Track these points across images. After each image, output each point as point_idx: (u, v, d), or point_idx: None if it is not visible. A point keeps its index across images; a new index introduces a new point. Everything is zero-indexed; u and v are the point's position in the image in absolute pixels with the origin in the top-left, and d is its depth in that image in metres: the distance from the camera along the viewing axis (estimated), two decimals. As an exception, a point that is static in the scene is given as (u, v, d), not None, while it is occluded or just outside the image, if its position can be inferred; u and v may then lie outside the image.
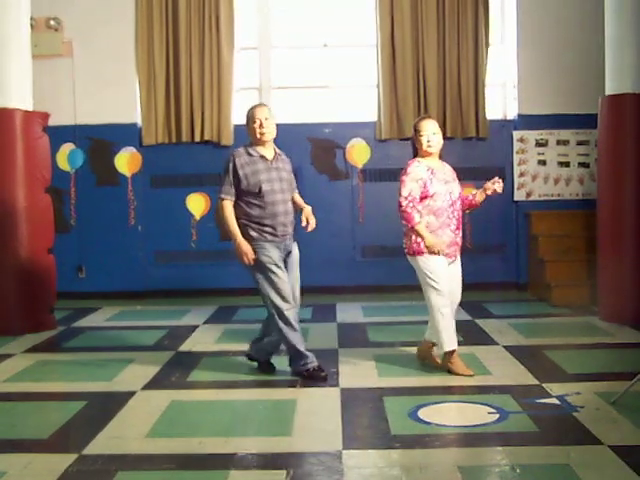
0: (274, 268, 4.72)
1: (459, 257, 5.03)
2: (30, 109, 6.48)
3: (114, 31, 8.11)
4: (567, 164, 8.20)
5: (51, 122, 6.75)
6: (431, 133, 5.00)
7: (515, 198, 8.22)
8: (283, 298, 4.74)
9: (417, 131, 5.03)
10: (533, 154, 8.20)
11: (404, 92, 8.07)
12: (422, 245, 4.81)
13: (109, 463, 3.50)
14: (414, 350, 5.57)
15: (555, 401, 4.30)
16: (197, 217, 8.14)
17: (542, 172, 8.21)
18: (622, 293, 6.37)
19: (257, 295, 4.69)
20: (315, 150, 8.24)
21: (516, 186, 8.20)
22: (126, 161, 8.14)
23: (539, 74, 8.10)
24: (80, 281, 8.22)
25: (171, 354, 5.64)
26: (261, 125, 4.75)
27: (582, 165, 8.20)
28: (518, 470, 3.34)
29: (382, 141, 8.20)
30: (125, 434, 3.91)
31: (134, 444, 3.76)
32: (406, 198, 4.85)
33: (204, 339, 6.17)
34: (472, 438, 3.76)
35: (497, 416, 4.06)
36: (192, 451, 3.65)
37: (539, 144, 8.19)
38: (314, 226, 4.93)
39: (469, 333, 6.18)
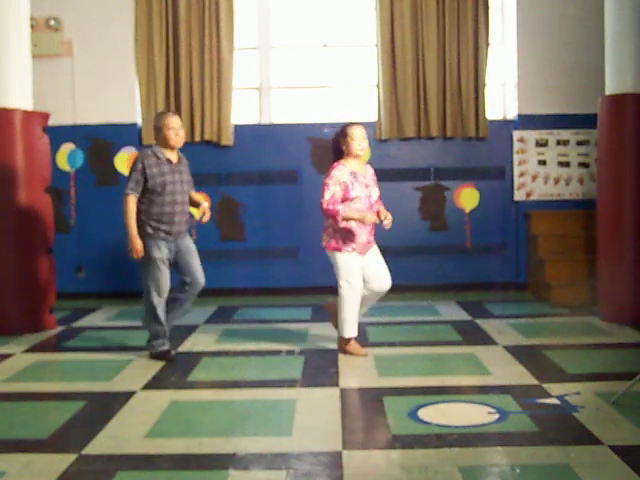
0: (160, 265, 5.26)
1: (376, 248, 5.52)
2: (30, 109, 6.48)
3: (114, 31, 8.11)
4: (567, 164, 8.20)
5: (51, 122, 6.74)
6: (362, 138, 5.33)
7: (515, 198, 8.22)
8: (159, 294, 5.30)
9: (347, 135, 5.32)
10: (533, 154, 8.20)
11: (404, 92, 8.07)
12: (339, 243, 5.28)
13: (109, 463, 3.50)
14: (414, 350, 5.59)
15: (555, 401, 4.30)
16: (197, 217, 8.13)
17: (542, 172, 8.20)
18: (622, 293, 6.37)
19: (257, 295, 4.78)
20: (315, 150, 8.24)
21: (516, 186, 8.20)
22: (126, 161, 8.14)
23: (539, 74, 8.10)
24: (80, 281, 8.22)
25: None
26: (177, 134, 5.28)
27: (582, 165, 8.19)
28: (518, 470, 3.34)
29: (382, 141, 8.20)
30: (125, 434, 3.91)
31: (134, 444, 3.76)
32: (328, 202, 5.24)
33: (204, 339, 6.16)
34: (472, 438, 3.76)
35: (497, 416, 4.06)
36: (192, 451, 3.64)
37: (539, 144, 8.19)
38: (208, 219, 5.57)
39: (469, 333, 6.18)
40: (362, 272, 5.37)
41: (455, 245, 8.23)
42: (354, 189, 5.23)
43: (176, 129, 5.27)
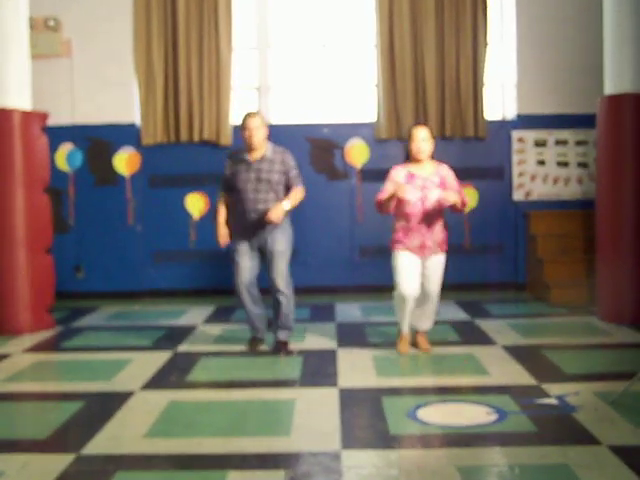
0: (236, 257, 5.58)
1: (438, 255, 5.46)
2: (29, 109, 6.48)
3: (113, 31, 8.11)
4: (566, 164, 8.20)
5: (50, 122, 6.74)
6: (420, 140, 5.25)
7: (514, 198, 8.22)
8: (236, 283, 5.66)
9: (409, 137, 5.29)
10: (532, 154, 8.20)
11: (403, 92, 8.07)
12: (392, 242, 5.33)
13: (107, 463, 3.50)
14: (412, 350, 5.58)
15: (554, 401, 4.30)
16: (196, 217, 8.14)
17: (541, 172, 8.21)
18: (621, 293, 6.37)
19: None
20: (314, 150, 8.23)
21: (515, 186, 8.20)
22: (125, 161, 8.14)
23: (538, 74, 8.10)
24: (78, 281, 8.22)
25: (169, 354, 5.63)
26: (250, 135, 5.36)
27: (581, 165, 8.20)
28: (517, 470, 3.34)
29: (381, 141, 8.20)
30: (123, 434, 3.91)
31: (132, 444, 3.76)
32: (376, 196, 5.30)
33: (202, 339, 6.16)
34: (471, 438, 3.76)
35: (496, 416, 4.06)
36: (190, 451, 3.65)
37: (538, 144, 8.19)
38: (271, 218, 5.33)
39: (467, 333, 6.18)
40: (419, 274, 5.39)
41: (454, 245, 8.19)
42: (405, 191, 5.12)
43: (251, 130, 5.38)
